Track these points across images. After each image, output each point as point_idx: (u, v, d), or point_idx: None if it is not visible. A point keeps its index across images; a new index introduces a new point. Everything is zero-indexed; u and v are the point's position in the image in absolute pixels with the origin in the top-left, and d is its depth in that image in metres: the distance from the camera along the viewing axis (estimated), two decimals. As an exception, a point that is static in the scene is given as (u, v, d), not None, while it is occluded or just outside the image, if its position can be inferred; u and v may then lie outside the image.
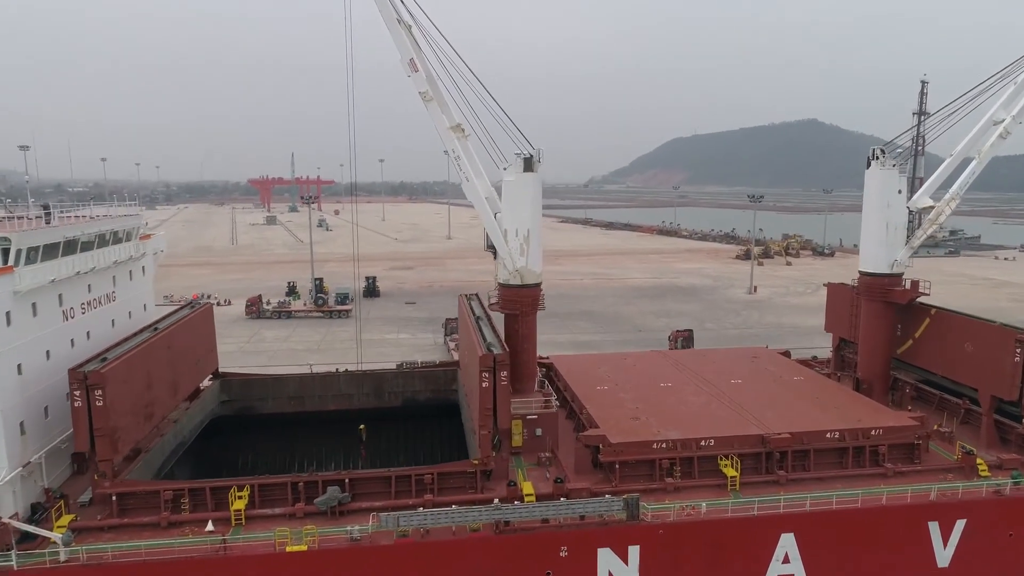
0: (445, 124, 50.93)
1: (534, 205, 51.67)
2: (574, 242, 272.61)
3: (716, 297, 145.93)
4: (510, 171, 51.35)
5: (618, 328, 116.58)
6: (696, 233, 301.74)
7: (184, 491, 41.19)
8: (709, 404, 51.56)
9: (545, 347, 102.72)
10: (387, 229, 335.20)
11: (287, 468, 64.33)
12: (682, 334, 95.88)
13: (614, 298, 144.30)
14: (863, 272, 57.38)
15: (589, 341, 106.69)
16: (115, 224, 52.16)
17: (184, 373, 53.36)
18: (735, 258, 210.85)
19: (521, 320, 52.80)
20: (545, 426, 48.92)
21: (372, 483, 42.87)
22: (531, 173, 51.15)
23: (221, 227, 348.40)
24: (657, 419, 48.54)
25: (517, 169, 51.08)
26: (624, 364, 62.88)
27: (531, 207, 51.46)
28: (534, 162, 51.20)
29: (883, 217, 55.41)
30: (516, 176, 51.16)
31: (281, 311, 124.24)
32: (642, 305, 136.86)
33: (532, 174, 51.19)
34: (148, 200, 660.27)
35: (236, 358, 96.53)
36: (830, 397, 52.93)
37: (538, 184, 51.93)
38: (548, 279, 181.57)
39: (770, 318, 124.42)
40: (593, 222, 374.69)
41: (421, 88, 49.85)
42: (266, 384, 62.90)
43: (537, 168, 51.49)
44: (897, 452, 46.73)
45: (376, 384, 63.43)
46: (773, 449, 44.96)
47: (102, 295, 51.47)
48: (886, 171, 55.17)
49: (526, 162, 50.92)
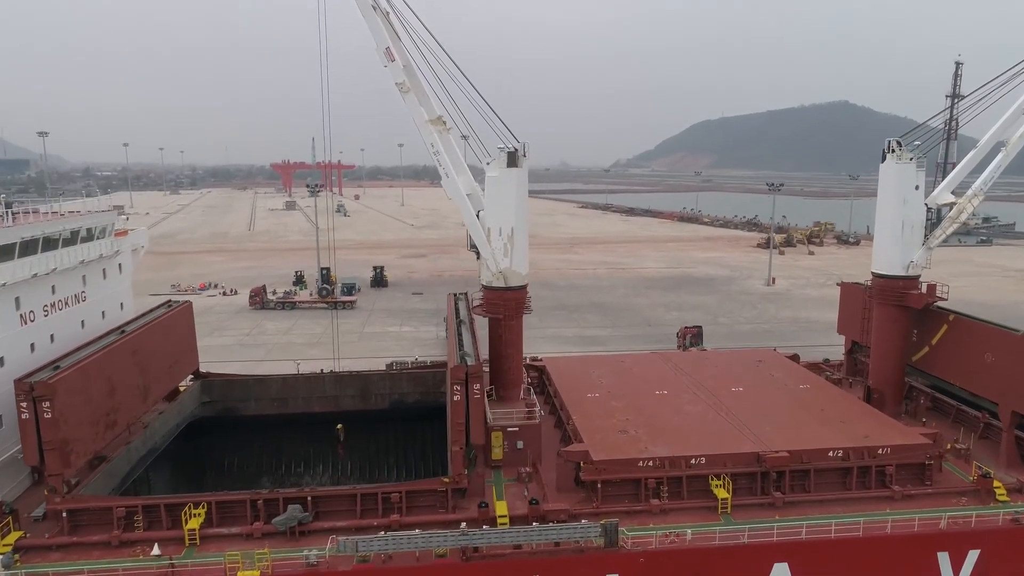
0: (423, 117, 47.96)
1: (519, 202, 48.45)
2: (592, 229, 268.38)
3: (732, 289, 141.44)
4: (493, 166, 48.20)
5: (627, 322, 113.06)
6: (718, 220, 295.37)
7: (137, 508, 39.10)
8: (705, 415, 48.29)
9: (551, 342, 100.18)
10: (405, 215, 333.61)
11: (274, 469, 62.68)
12: (691, 331, 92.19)
13: (626, 289, 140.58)
14: (876, 274, 53.40)
15: (596, 336, 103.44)
16: (82, 222, 50.10)
17: (156, 376, 51.33)
18: (756, 246, 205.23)
19: (505, 324, 49.83)
20: (527, 439, 46.07)
21: (336, 501, 40.45)
22: (515, 168, 47.89)
23: (241, 212, 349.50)
24: (647, 432, 45.44)
25: (500, 164, 47.88)
26: (620, 367, 59.70)
27: (516, 204, 48.25)
28: (518, 157, 47.95)
29: (899, 215, 51.31)
30: (499, 172, 47.98)
31: (285, 302, 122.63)
32: (654, 297, 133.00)
33: (516, 169, 47.96)
34: (173, 184, 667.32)
35: (234, 351, 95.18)
36: (836, 409, 49.32)
37: (523, 180, 48.70)
38: (561, 268, 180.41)
39: (786, 312, 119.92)
40: (613, 208, 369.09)
41: (398, 79, 46.91)
42: (248, 385, 60.92)
43: (522, 163, 48.27)
44: (906, 473, 43.15)
45: (362, 386, 61.18)
46: (769, 469, 41.67)
47: (69, 296, 49.52)
48: (903, 165, 50.97)
49: (510, 157, 47.70)
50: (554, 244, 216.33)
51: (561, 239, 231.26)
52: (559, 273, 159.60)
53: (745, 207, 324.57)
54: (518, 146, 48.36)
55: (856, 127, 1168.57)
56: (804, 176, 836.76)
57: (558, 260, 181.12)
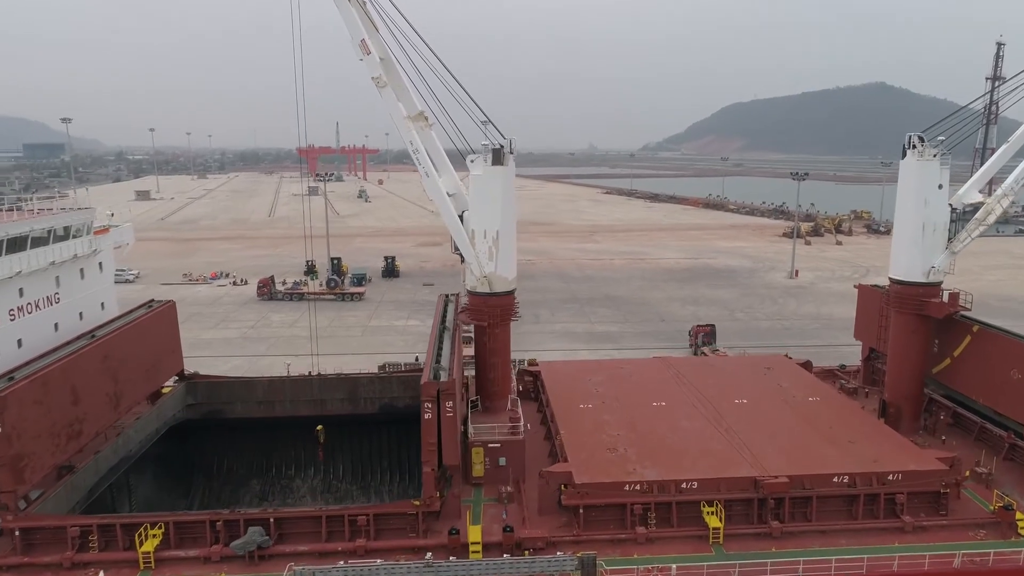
0: (401, 113, 45.21)
1: (505, 203, 45.46)
2: (614, 216, 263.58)
3: (753, 282, 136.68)
4: (477, 164, 45.25)
5: (641, 316, 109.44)
6: (744, 207, 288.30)
7: (92, 527, 37.30)
8: (702, 432, 45.07)
9: (560, 338, 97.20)
10: (425, 200, 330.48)
11: (264, 472, 61.08)
12: (703, 329, 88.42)
13: (642, 281, 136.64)
14: (894, 280, 49.46)
15: (606, 332, 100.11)
16: (54, 221, 48.25)
17: (132, 381, 49.53)
18: (781, 235, 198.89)
19: (490, 332, 47.00)
20: (510, 456, 43.35)
21: (300, 523, 38.24)
22: (501, 167, 44.86)
23: (264, 198, 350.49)
24: (637, 451, 42.42)
25: (485, 162, 44.90)
26: (619, 374, 56.57)
27: (501, 205, 45.27)
28: (504, 154, 44.89)
29: (919, 216, 47.26)
30: (484, 170, 45.02)
31: (293, 293, 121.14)
32: (671, 290, 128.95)
33: (502, 168, 44.96)
34: (201, 168, 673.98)
35: (236, 345, 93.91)
36: (845, 426, 45.72)
37: (509, 179, 45.66)
38: (577, 259, 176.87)
39: (808, 307, 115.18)
40: (638, 193, 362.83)
41: (374, 73, 44.12)
42: (233, 387, 59.09)
43: (508, 161, 45.20)
44: (919, 501, 39.57)
45: (351, 389, 59.02)
46: (767, 496, 38.45)
47: (40, 298, 47.76)
48: (925, 163, 46.82)
49: (495, 154, 44.71)
50: (574, 232, 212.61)
51: (581, 227, 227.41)
52: (575, 263, 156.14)
53: (774, 193, 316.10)
54: (504, 142, 45.32)
55: (893, 109, 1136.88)
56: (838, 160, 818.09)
57: (575, 249, 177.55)
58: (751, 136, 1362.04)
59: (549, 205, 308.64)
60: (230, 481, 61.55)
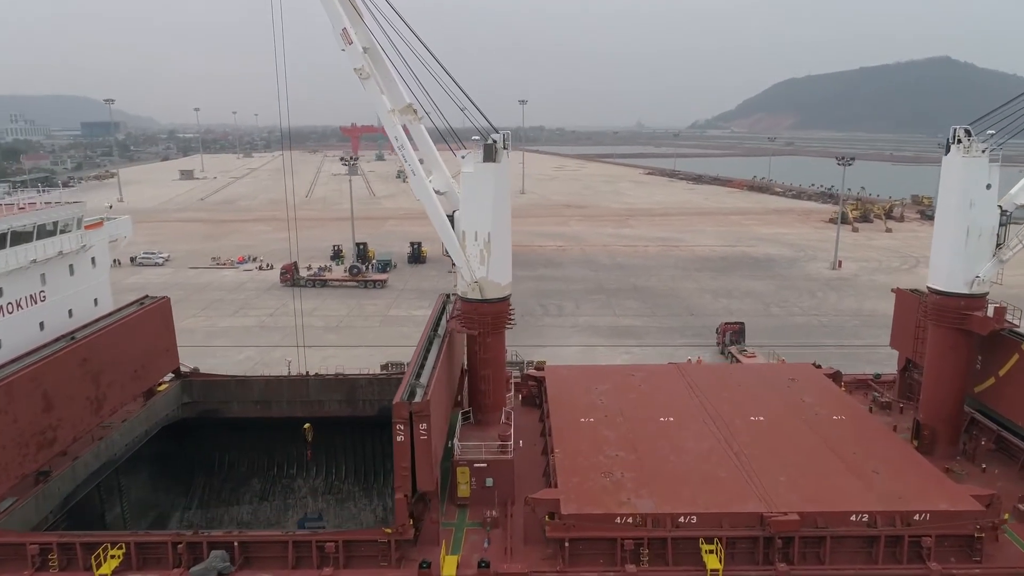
0: (386, 107, 42.14)
1: (497, 202, 42.02)
2: (654, 199, 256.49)
3: (792, 272, 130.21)
4: (468, 160, 41.89)
5: (669, 310, 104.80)
6: (790, 190, 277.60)
7: (52, 545, 35.71)
8: (709, 456, 41.27)
9: (581, 333, 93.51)
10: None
11: (265, 470, 59.88)
12: (731, 327, 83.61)
13: (675, 270, 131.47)
14: (933, 289, 44.48)
15: (630, 327, 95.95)
16: (35, 217, 46.79)
17: (117, 383, 48.05)
18: (828, 221, 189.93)
19: (481, 341, 43.81)
20: (498, 476, 40.36)
21: (267, 547, 36.01)
22: (493, 163, 41.39)
23: (304, 177, 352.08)
24: (635, 477, 38.93)
25: (476, 158, 41.51)
26: (628, 383, 52.88)
27: (493, 205, 41.85)
28: (498, 150, 41.37)
29: (963, 220, 42.14)
30: (475, 167, 41.63)
31: (315, 280, 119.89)
32: (704, 280, 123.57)
33: (495, 164, 41.47)
34: (247, 147, 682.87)
35: (252, 334, 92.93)
36: (871, 452, 41.33)
37: (502, 177, 42.17)
38: (610, 245, 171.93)
39: (849, 301, 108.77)
40: (681, 174, 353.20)
41: (355, 64, 41.12)
42: (229, 386, 57.60)
43: (502, 158, 41.67)
44: (950, 545, 35.21)
45: (348, 391, 57.02)
46: (774, 534, 34.63)
47: (23, 297, 46.53)
48: (971, 159, 41.58)
49: (487, 150, 41.23)
50: (609, 216, 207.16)
51: (618, 210, 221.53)
52: (606, 250, 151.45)
53: (824, 174, 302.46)
54: (497, 137, 41.82)
55: (957, 85, 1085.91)
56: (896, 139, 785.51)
57: (609, 235, 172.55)
58: (804, 113, 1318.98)
59: (588, 187, 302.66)
60: (231, 479, 60.36)
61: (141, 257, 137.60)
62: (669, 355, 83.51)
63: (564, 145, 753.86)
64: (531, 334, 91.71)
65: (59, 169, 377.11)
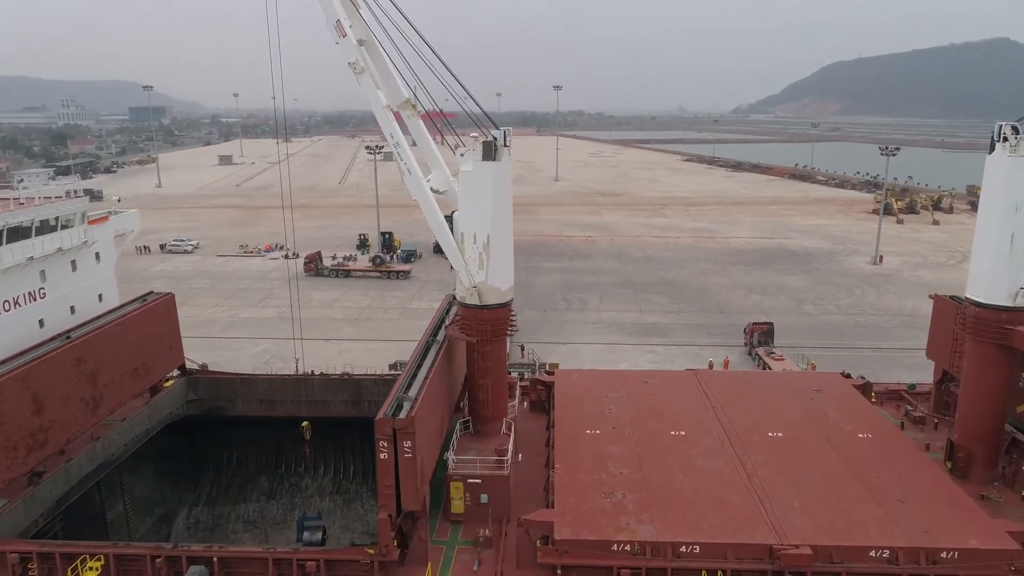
0: (381, 102, 40.13)
1: (497, 203, 39.72)
2: (689, 187, 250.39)
3: (831, 267, 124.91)
4: (467, 158, 39.66)
5: (697, 306, 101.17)
6: (833, 178, 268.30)
7: (32, 555, 34.98)
8: (719, 476, 38.56)
9: (603, 330, 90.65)
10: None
11: (273, 468, 59.23)
12: (760, 328, 79.93)
13: (707, 264, 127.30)
14: (972, 300, 40.83)
15: (656, 324, 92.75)
16: (33, 213, 46.03)
17: (116, 382, 47.37)
18: (871, 212, 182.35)
19: (480, 349, 41.68)
20: (493, 493, 38.41)
21: (246, 564, 34.73)
22: (493, 162, 39.05)
23: (339, 163, 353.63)
24: (637, 498, 36.49)
25: (475, 156, 39.23)
26: (641, 391, 50.23)
27: (493, 205, 39.57)
28: (497, 147, 39.02)
29: (1008, 225, 38.38)
30: (474, 165, 39.37)
31: (339, 270, 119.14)
32: (736, 275, 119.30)
33: (495, 163, 39.11)
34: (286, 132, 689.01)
35: (270, 327, 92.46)
36: (898, 477, 38.14)
37: (502, 176, 39.80)
38: (642, 236, 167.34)
39: (889, 299, 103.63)
40: (720, 161, 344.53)
41: (350, 58, 39.22)
42: (233, 384, 56.84)
43: (502, 155, 39.29)
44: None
45: (354, 391, 55.75)
46: (783, 569, 31.97)
47: (20, 294, 45.90)
48: (1018, 159, 37.75)
49: (486, 148, 38.91)
50: (643, 205, 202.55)
51: (653, 199, 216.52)
52: (638, 241, 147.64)
53: (871, 162, 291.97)
54: (497, 134, 39.44)
55: (1017, 68, 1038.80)
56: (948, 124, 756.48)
57: (641, 225, 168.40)
58: (853, 98, 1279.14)
59: (624, 174, 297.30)
60: (239, 476, 59.80)
61: (171, 244, 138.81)
62: (694, 355, 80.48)
63: (603, 130, 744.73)
64: (552, 330, 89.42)
65: (103, 154, 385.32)
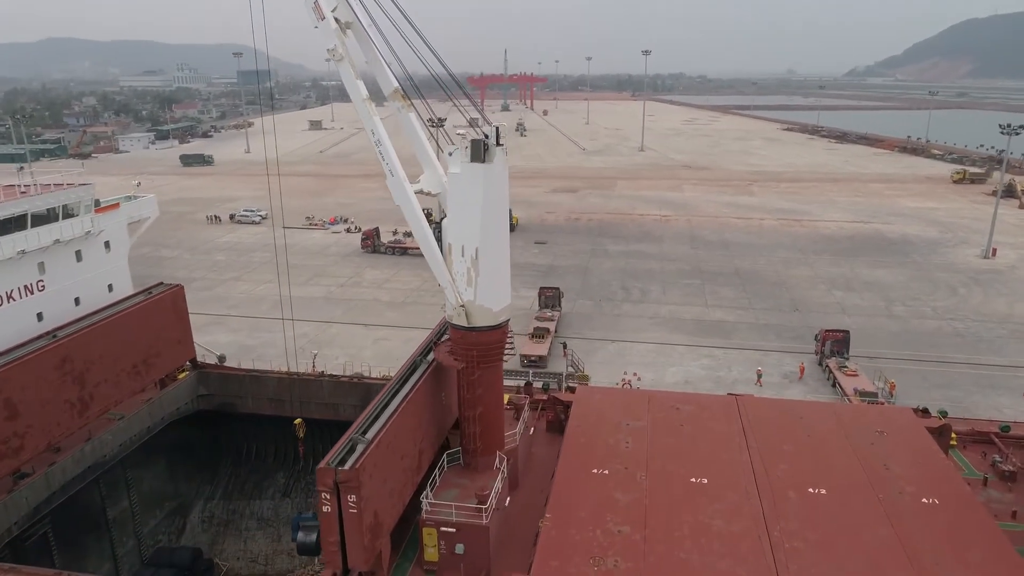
0: (361, 95, 35.26)
1: (487, 210, 34.33)
2: (784, 161, 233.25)
3: (932, 260, 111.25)
4: (455, 159, 34.35)
5: (770, 302, 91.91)
6: (951, 152, 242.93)
7: None
8: (737, 546, 32.32)
9: (662, 326, 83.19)
10: (583, 135, 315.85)
11: (291, 464, 57.39)
12: (834, 336, 70.73)
13: (789, 252, 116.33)
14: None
15: (719, 323, 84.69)
16: (27, 204, 44.37)
17: (110, 381, 45.66)
18: (991, 193, 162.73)
19: (466, 377, 36.70)
20: (469, 543, 33.78)
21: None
22: (481, 164, 33.56)
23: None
24: (632, 568, 30.99)
25: (463, 156, 33.85)
26: (670, 420, 43.95)
27: (482, 214, 34.21)
28: (488, 147, 33.47)
29: None
30: (462, 167, 34.04)
31: (395, 247, 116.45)
32: (821, 266, 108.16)
33: (484, 165, 33.62)
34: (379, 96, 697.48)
35: (315, 307, 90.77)
36: (962, 564, 30.75)
37: (494, 179, 34.27)
38: (722, 216, 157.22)
39: (998, 304, 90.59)
40: (823, 131, 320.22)
41: (328, 43, 34.57)
42: (243, 382, 54.80)
43: (494, 156, 33.73)
44: None
45: (364, 395, 52.24)
46: None
47: (15, 288, 44.59)
48: None
49: (474, 147, 33.42)
50: (730, 181, 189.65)
51: (742, 174, 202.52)
52: (716, 223, 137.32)
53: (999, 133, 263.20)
54: (490, 131, 33.84)
55: None
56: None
57: (724, 204, 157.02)
58: (985, 59, 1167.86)
59: (715, 144, 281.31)
60: (258, 470, 58.41)
61: (240, 215, 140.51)
62: (758, 361, 72.64)
63: (704, 95, 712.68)
64: (603, 324, 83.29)
65: (204, 118, 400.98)
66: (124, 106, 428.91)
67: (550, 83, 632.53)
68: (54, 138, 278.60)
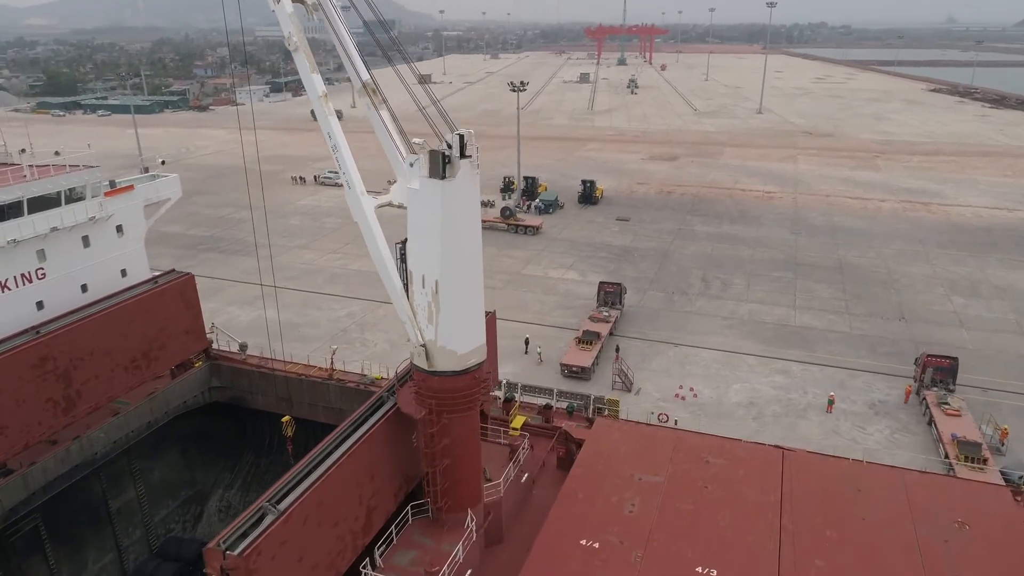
0: (317, 91, 30.00)
1: (447, 236, 28.36)
2: (924, 128, 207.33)
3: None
4: (415, 171, 28.44)
5: (871, 306, 79.65)
6: None
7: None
8: None
9: (735, 328, 73.53)
10: (698, 94, 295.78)
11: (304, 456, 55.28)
12: (939, 363, 59.24)
13: (907, 243, 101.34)
14: None
15: (806, 328, 74.15)
16: (25, 190, 42.63)
17: (102, 377, 44.01)
18: None
19: (426, 428, 31.25)
20: (414, 624, 29.00)
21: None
22: (441, 180, 27.46)
23: (534, 83, 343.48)
24: None
25: (422, 170, 27.89)
26: (694, 478, 36.83)
27: (442, 239, 28.23)
28: (450, 159, 27.29)
29: None
30: (420, 183, 28.13)
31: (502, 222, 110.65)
32: (943, 263, 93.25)
33: (444, 182, 27.48)
34: (495, 48, 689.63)
35: (370, 282, 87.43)
36: None
37: (459, 198, 28.23)
38: (834, 196, 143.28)
39: None
40: (977, 93, 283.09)
41: (284, 29, 29.55)
42: (253, 377, 52.43)
43: (458, 170, 27.52)
44: None
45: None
46: None
47: (11, 277, 43.29)
48: None
49: (432, 159, 27.34)
50: (853, 151, 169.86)
51: (869, 143, 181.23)
52: (826, 203, 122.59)
53: None
54: (453, 140, 27.59)
55: None
56: None
57: (840, 180, 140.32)
58: None
59: (845, 107, 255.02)
60: (279, 462, 56.63)
61: (324, 176, 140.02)
62: (841, 382, 62.74)
63: (846, 47, 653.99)
64: (671, 322, 75.03)
65: (322, 70, 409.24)
66: (251, 56, 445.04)
67: (673, 34, 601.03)
68: (179, 90, 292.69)
